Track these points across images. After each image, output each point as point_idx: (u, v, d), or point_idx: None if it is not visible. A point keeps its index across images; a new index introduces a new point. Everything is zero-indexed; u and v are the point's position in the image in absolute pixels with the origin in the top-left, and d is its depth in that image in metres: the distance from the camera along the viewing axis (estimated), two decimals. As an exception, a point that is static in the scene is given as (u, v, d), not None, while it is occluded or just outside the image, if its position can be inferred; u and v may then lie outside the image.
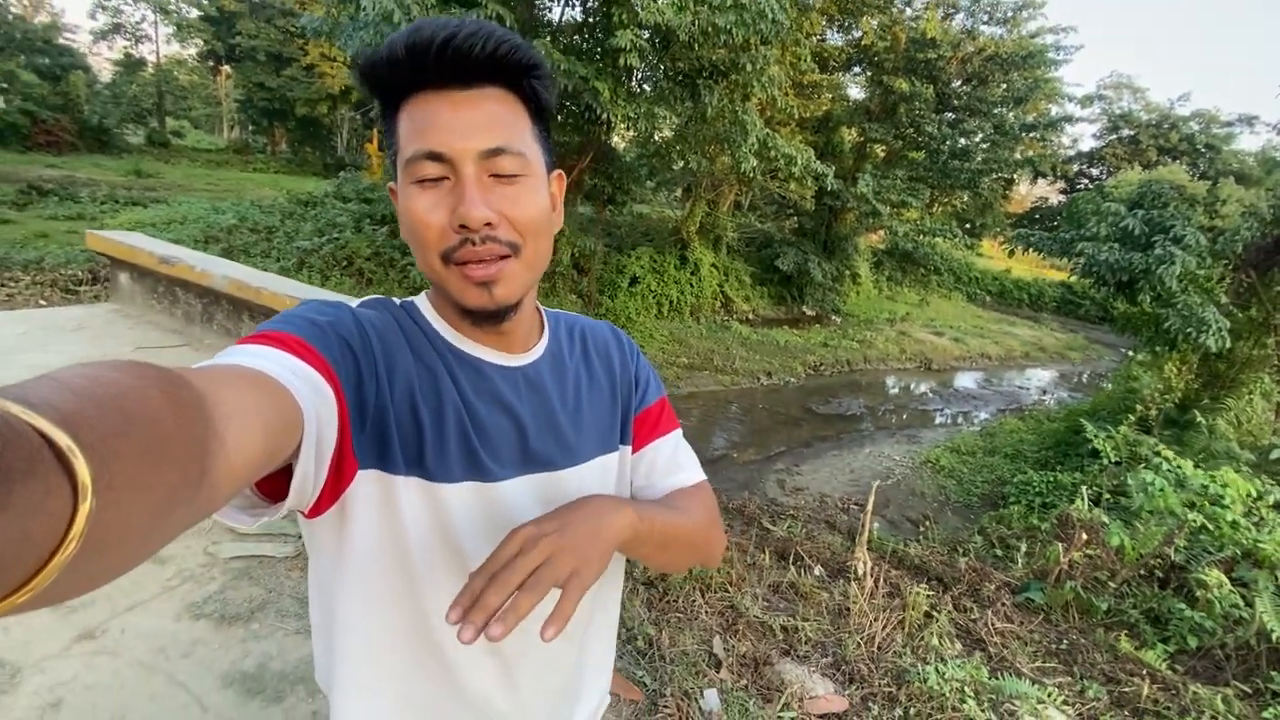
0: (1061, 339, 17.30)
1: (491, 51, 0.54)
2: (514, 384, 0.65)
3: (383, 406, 0.56)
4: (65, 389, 0.26)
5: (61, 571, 0.24)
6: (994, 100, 14.58)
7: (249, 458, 0.37)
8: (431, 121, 0.55)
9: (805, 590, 3.00)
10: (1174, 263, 4.97)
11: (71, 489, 0.23)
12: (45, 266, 6.52)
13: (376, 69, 0.55)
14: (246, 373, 0.43)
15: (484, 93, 0.56)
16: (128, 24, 31.81)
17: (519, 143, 0.57)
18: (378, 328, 0.59)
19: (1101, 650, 2.95)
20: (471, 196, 0.54)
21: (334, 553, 0.61)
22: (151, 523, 0.28)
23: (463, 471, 0.60)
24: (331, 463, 0.52)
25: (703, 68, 7.79)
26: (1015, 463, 6.86)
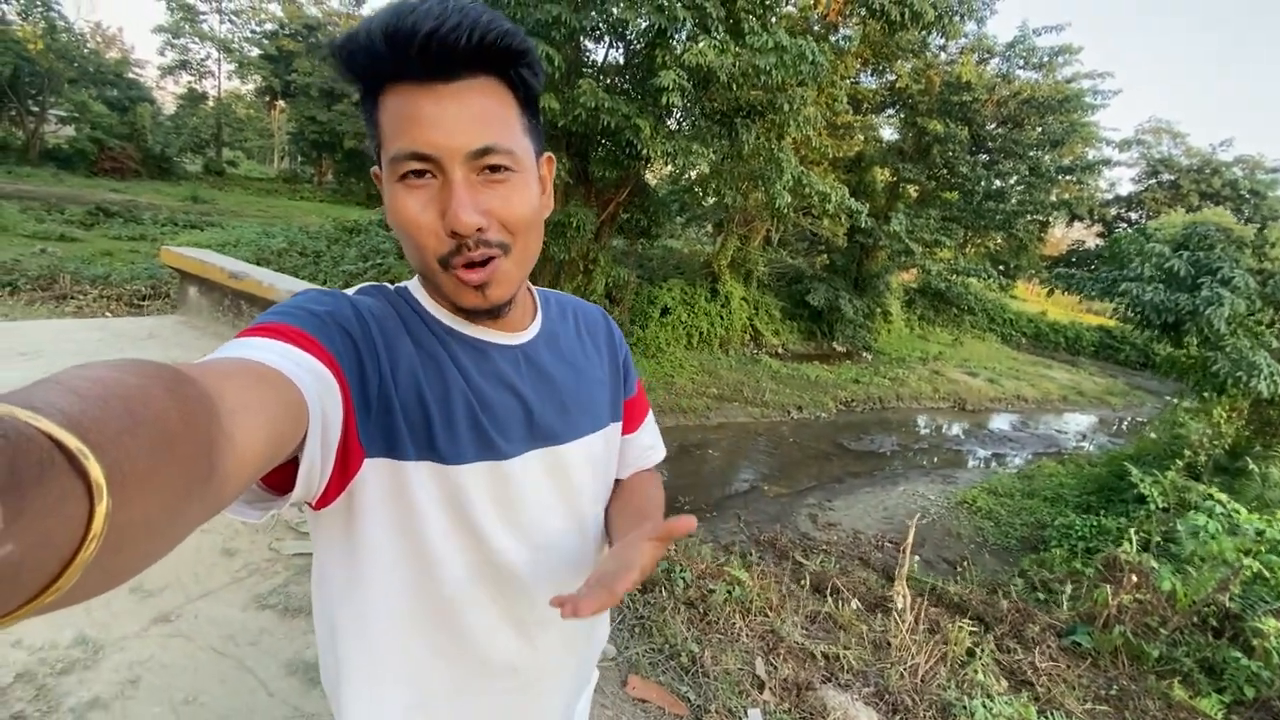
0: (1101, 384, 16.86)
1: (479, 41, 0.51)
2: (515, 362, 0.66)
3: (387, 393, 0.56)
4: (69, 391, 0.26)
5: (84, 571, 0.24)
6: (1029, 143, 14.59)
7: (256, 451, 0.38)
8: (416, 117, 0.52)
9: (843, 621, 2.96)
10: (1222, 304, 4.88)
11: (86, 490, 0.23)
12: (112, 281, 6.89)
13: (355, 58, 0.53)
14: (250, 365, 0.43)
15: (470, 84, 0.53)
16: (193, 61, 33.85)
17: (508, 138, 0.55)
18: (376, 315, 0.59)
19: (1154, 698, 2.84)
20: (461, 201, 0.53)
21: (343, 545, 0.61)
22: (165, 519, 0.29)
23: (475, 452, 0.60)
24: (338, 452, 0.52)
25: (740, 107, 8.00)
26: (1055, 506, 6.67)
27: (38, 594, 0.23)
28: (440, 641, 0.64)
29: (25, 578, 0.22)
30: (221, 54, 33.67)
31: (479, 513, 0.61)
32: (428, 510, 0.59)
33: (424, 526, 0.59)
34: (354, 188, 33.33)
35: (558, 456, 0.67)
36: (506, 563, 0.64)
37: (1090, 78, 14.97)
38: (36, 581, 0.23)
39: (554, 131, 7.85)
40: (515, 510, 0.64)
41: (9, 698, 1.44)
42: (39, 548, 0.22)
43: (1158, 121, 26.53)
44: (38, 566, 0.22)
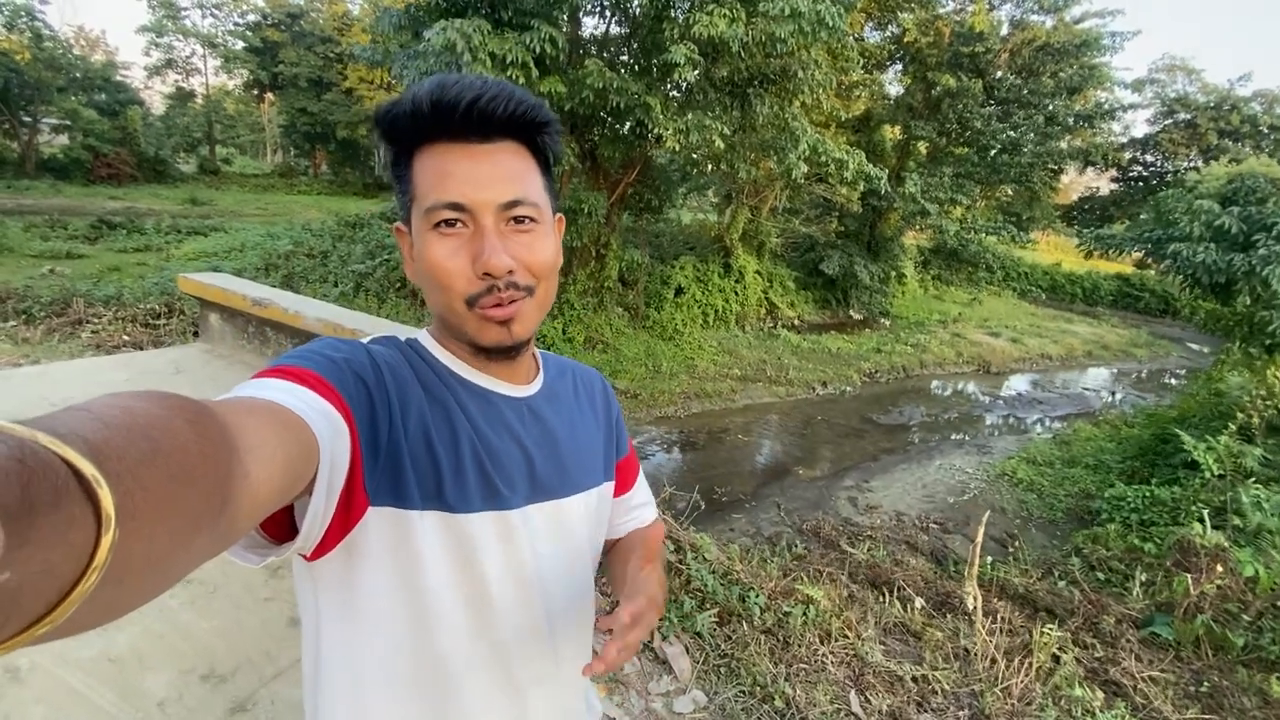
0: (1124, 335, 16.58)
1: (512, 112, 0.57)
2: (520, 414, 0.67)
3: (396, 442, 0.57)
4: (95, 419, 0.26)
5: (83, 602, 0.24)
6: (1045, 92, 14.07)
7: (270, 489, 0.38)
8: (453, 173, 0.57)
9: (916, 629, 2.86)
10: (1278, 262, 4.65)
11: (95, 519, 0.23)
12: (125, 302, 6.78)
13: (399, 121, 0.58)
14: (267, 405, 0.44)
15: (500, 146, 0.59)
16: (179, 59, 33.26)
17: (533, 193, 0.60)
18: (390, 364, 0.60)
19: (1249, 694, 2.74)
20: (494, 246, 0.57)
21: (338, 595, 0.60)
22: (173, 552, 0.28)
23: (482, 501, 0.61)
24: (340, 499, 0.52)
25: (752, 76, 7.69)
26: (1099, 474, 6.54)
27: (32, 623, 0.23)
28: (431, 696, 0.63)
29: (22, 605, 0.22)
30: (206, 50, 33.04)
31: (487, 563, 0.61)
32: (433, 561, 0.59)
33: (427, 578, 0.59)
34: (350, 177, 32.99)
35: (559, 510, 0.68)
36: (507, 616, 0.64)
37: (1100, 16, 14.36)
38: (33, 610, 0.22)
39: (559, 115, 7.59)
40: (519, 562, 0.64)
41: (92, 818, 1.35)
42: (40, 576, 0.22)
43: (1172, 59, 25.70)
44: (36, 595, 0.22)
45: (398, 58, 7.56)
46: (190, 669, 1.71)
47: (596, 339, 9.88)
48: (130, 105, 28.10)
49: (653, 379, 8.74)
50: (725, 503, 5.82)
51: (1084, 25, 14.31)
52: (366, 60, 8.54)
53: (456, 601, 0.61)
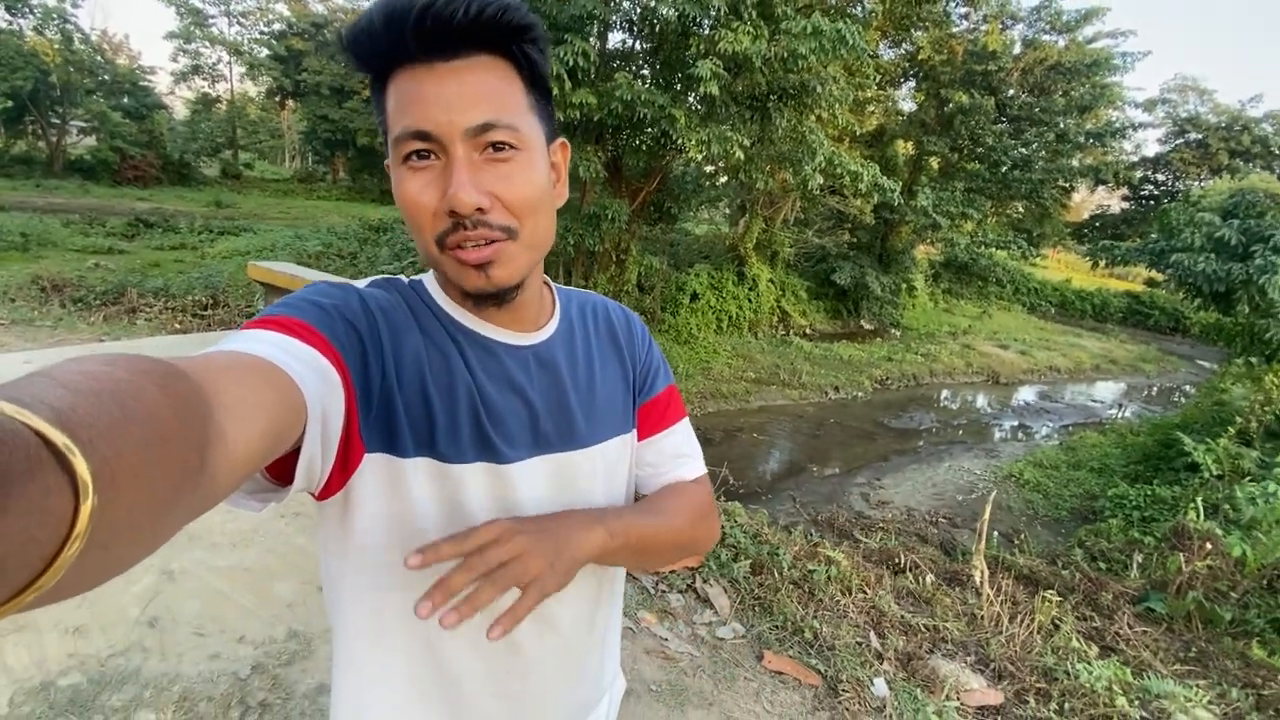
0: (1133, 350, 16.73)
1: (475, 15, 0.50)
2: (524, 364, 0.64)
3: (389, 388, 0.55)
4: (60, 386, 0.26)
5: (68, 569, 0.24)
6: (1056, 110, 14.38)
7: (250, 448, 0.37)
8: (416, 96, 0.52)
9: (928, 596, 3.12)
10: (1276, 272, 4.90)
11: (72, 487, 0.23)
12: (172, 293, 7.14)
13: (357, 43, 0.53)
14: (246, 359, 0.43)
15: (472, 62, 0.53)
16: (205, 65, 34.10)
17: (511, 115, 0.54)
18: (384, 308, 0.58)
19: (1232, 658, 2.98)
20: (460, 179, 0.52)
21: (338, 537, 0.60)
22: (153, 517, 0.28)
23: (475, 453, 0.59)
24: (339, 446, 0.52)
25: (771, 91, 8.02)
26: (1103, 477, 6.75)
27: (19, 591, 0.23)
28: (417, 643, 0.63)
29: (7, 574, 0.22)
30: (232, 57, 33.89)
31: (476, 515, 0.59)
32: (425, 508, 0.58)
33: (418, 526, 0.58)
34: (368, 184, 33.57)
35: (563, 464, 0.65)
36: None
37: (1112, 37, 14.69)
38: (19, 579, 0.23)
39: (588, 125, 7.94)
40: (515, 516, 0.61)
41: (251, 687, 1.64)
42: (22, 545, 0.22)
43: (1184, 79, 25.90)
44: (20, 564, 0.22)
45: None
46: (309, 580, 2.00)
47: (614, 341, 10.18)
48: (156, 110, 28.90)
49: (669, 380, 9.02)
50: (742, 494, 6.08)
51: (1096, 45, 14.66)
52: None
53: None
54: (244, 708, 1.57)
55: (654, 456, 0.75)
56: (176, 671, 1.64)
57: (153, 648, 1.69)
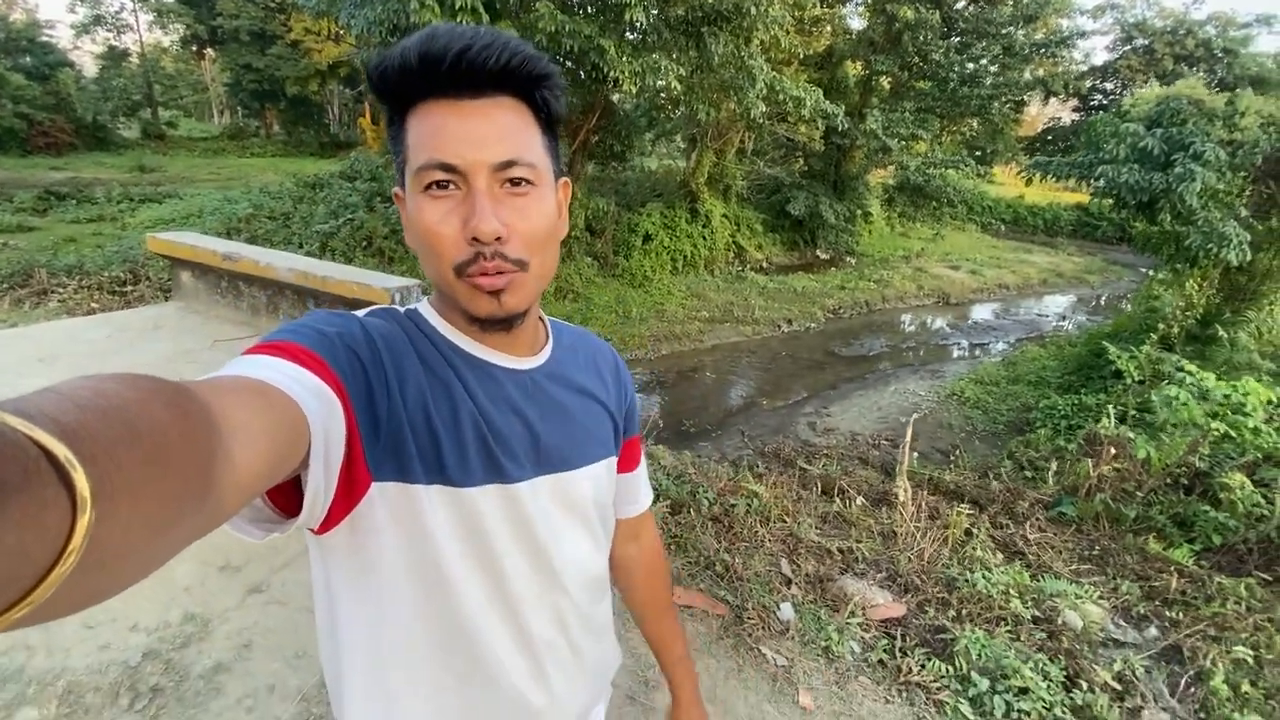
0: (1079, 263, 17.17)
1: (505, 63, 0.54)
2: (523, 387, 0.66)
3: (396, 417, 0.57)
4: (67, 401, 0.26)
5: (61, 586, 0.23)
6: (1002, 21, 14.12)
7: (255, 470, 0.37)
8: (443, 131, 0.55)
9: (852, 519, 3.25)
10: (1194, 180, 5.00)
11: (70, 502, 0.23)
12: (88, 270, 6.76)
13: (387, 75, 0.55)
14: (252, 384, 0.43)
15: (495, 102, 0.56)
16: (107, 15, 31.26)
17: (529, 153, 0.57)
18: (385, 337, 0.60)
19: (1131, 553, 3.19)
20: (483, 209, 0.54)
21: (350, 567, 0.61)
22: (153, 536, 0.28)
23: (484, 475, 0.61)
24: (341, 476, 0.52)
25: (705, 14, 7.68)
26: (1039, 389, 7.03)
27: (9, 606, 0.23)
28: (453, 664, 0.65)
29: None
30: (137, 4, 31.05)
31: (493, 535, 0.62)
32: (442, 533, 0.60)
33: (438, 550, 0.60)
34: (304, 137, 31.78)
35: (564, 483, 0.69)
36: (519, 586, 0.65)
37: None
38: (9, 593, 0.22)
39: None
40: (527, 534, 0.65)
41: (142, 673, 1.64)
42: (14, 558, 0.22)
43: (1131, -19, 25.55)
44: (11, 577, 0.22)
45: (344, 5, 7.39)
46: (208, 561, 1.98)
47: (566, 289, 10.03)
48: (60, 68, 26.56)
49: (622, 324, 8.99)
50: (693, 433, 6.19)
51: None
52: (312, 9, 8.29)
53: (467, 570, 0.62)
54: (134, 694, 1.57)
55: (623, 488, 0.84)
56: (63, 665, 1.62)
57: (38, 645, 1.67)
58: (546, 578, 0.68)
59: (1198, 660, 2.17)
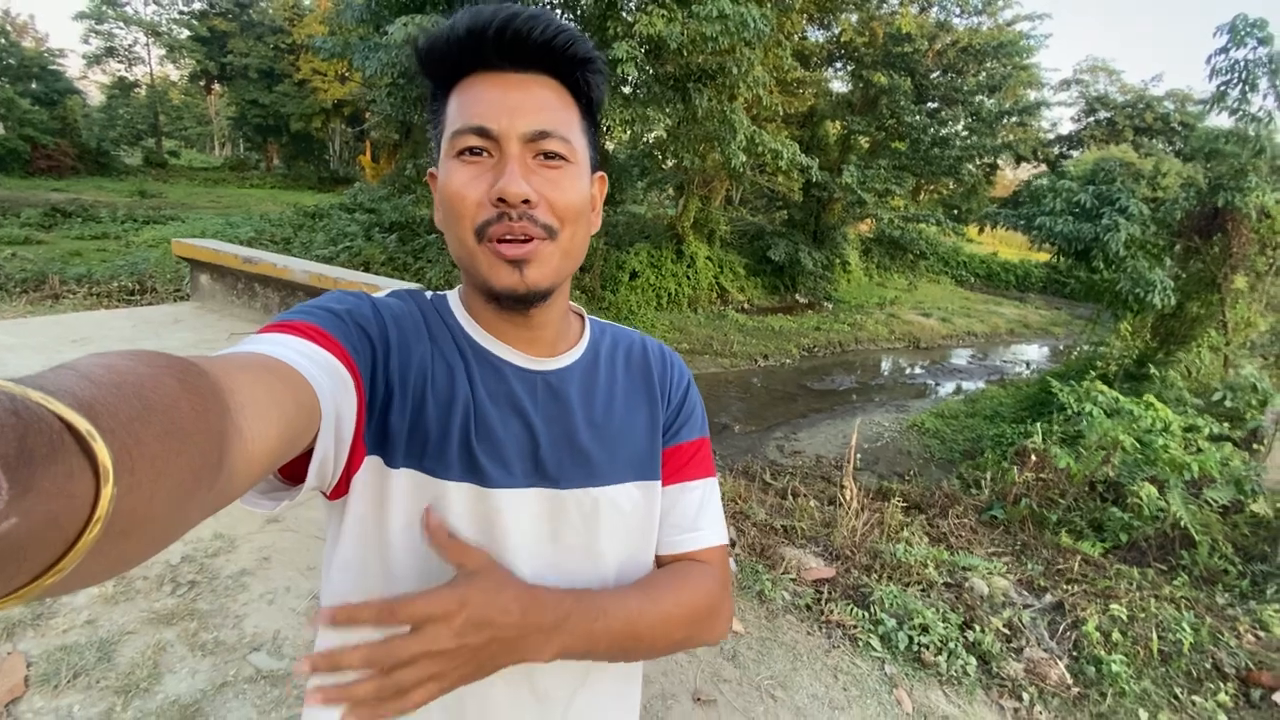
0: (1046, 315, 17.96)
1: (550, 39, 0.54)
2: (531, 388, 0.62)
3: (390, 394, 0.57)
4: (83, 377, 0.26)
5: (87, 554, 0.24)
6: (970, 89, 15.25)
7: (266, 445, 0.38)
8: (481, 99, 0.55)
9: (800, 510, 3.61)
10: (1119, 230, 5.59)
11: (93, 473, 0.24)
12: (97, 280, 7.08)
13: (435, 48, 0.56)
14: (263, 360, 0.44)
15: (537, 79, 0.56)
16: (120, 47, 32.31)
17: (565, 129, 0.57)
18: (397, 316, 0.60)
19: (1047, 547, 3.57)
20: (513, 172, 0.54)
21: (332, 535, 0.62)
22: (172, 508, 0.29)
23: (460, 471, 0.58)
24: (350, 448, 0.53)
25: (691, 72, 8.41)
26: (994, 423, 7.48)
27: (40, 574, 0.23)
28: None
29: (29, 556, 0.22)
30: (150, 38, 32.19)
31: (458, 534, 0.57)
32: (400, 520, 0.57)
33: (393, 535, 0.58)
34: (304, 171, 32.58)
35: (562, 502, 0.61)
36: None
37: (1030, 19, 15.65)
38: (40, 561, 0.23)
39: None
40: (498, 549, 0.59)
41: (181, 571, 1.96)
42: (44, 526, 0.22)
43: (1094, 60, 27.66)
44: (42, 545, 0.23)
45: (358, 49, 8.01)
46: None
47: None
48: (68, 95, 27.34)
49: (606, 353, 9.40)
50: (667, 451, 6.53)
51: (1016, 27, 15.55)
52: (327, 51, 8.93)
53: (418, 568, 0.58)
54: (175, 584, 1.89)
55: (677, 512, 0.68)
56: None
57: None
58: None
59: (1076, 613, 2.54)
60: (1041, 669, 2.25)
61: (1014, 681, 2.19)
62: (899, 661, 2.23)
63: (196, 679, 1.63)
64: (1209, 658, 2.38)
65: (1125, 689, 2.19)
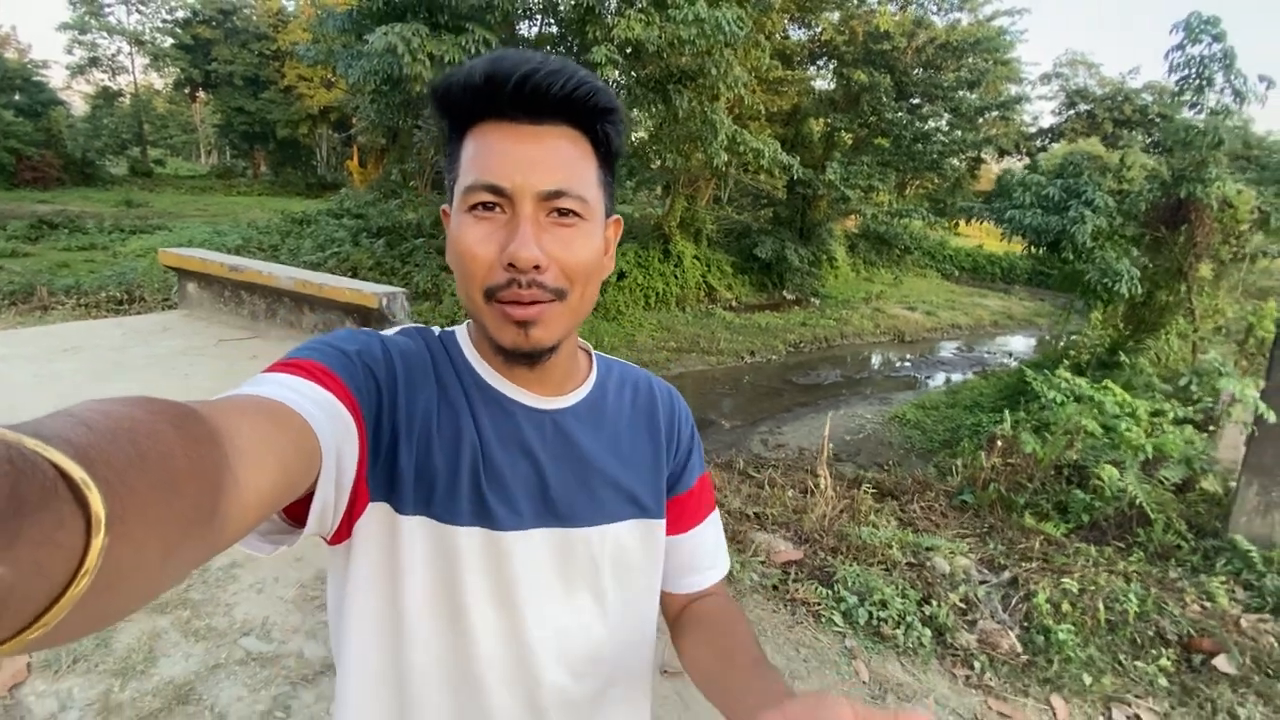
0: (1030, 307, 18.20)
1: (570, 92, 0.54)
2: (540, 428, 0.63)
3: (396, 439, 0.56)
4: (79, 423, 0.26)
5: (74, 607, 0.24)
6: (949, 85, 15.46)
7: (262, 493, 0.37)
8: (495, 152, 0.54)
9: (775, 501, 3.74)
10: (1085, 222, 5.76)
11: (85, 523, 0.23)
12: (85, 290, 7.15)
13: (451, 92, 0.56)
14: (264, 403, 0.44)
15: (554, 130, 0.56)
16: (104, 57, 32.17)
17: (581, 185, 0.56)
18: (406, 357, 0.59)
19: (1013, 529, 3.71)
20: (525, 235, 0.53)
21: (339, 587, 0.61)
22: (163, 558, 0.28)
23: (470, 516, 0.58)
24: (351, 493, 0.53)
25: (671, 73, 8.54)
26: (974, 413, 7.65)
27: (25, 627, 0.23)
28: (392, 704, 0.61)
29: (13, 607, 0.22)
30: (133, 47, 32.06)
31: (467, 582, 0.59)
32: (413, 568, 0.58)
33: (406, 584, 0.58)
34: (291, 177, 32.54)
35: (570, 540, 0.63)
36: (487, 645, 0.60)
37: (1009, 14, 15.87)
38: (25, 613, 0.22)
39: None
40: (508, 590, 0.60)
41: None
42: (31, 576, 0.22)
43: (1074, 54, 28.03)
44: (27, 597, 0.22)
45: (341, 57, 8.10)
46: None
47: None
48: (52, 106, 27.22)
49: (594, 353, 9.52)
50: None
51: (996, 23, 15.77)
52: (310, 59, 9.01)
53: (431, 613, 0.59)
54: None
55: (690, 556, 0.72)
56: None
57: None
58: (520, 645, 0.61)
59: (1029, 587, 2.68)
60: (993, 639, 2.38)
61: (966, 651, 2.33)
62: (859, 635, 2.36)
63: (190, 662, 1.74)
64: (1153, 626, 2.53)
65: (1071, 655, 2.33)
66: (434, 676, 0.60)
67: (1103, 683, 2.24)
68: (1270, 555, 3.03)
